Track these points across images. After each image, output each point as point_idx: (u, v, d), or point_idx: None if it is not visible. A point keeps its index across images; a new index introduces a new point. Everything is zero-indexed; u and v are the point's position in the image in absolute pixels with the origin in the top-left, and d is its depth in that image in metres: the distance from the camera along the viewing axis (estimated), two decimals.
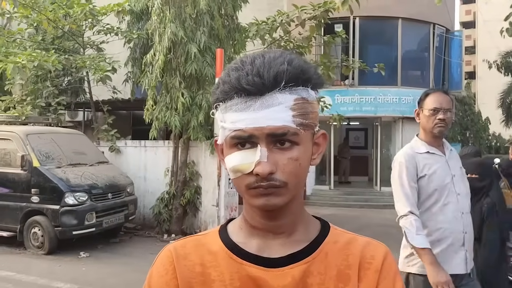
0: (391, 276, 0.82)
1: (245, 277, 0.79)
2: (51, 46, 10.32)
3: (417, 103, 2.59)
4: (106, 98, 10.83)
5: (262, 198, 0.76)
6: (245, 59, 0.78)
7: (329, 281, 0.80)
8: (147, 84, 8.43)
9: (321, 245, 0.82)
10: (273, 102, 0.75)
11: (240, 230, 0.85)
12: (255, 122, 0.75)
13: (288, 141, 0.76)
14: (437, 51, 15.25)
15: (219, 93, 0.78)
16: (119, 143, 9.62)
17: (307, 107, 0.78)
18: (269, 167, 0.74)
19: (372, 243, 0.85)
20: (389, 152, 14.81)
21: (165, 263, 0.84)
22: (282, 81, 0.74)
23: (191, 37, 7.98)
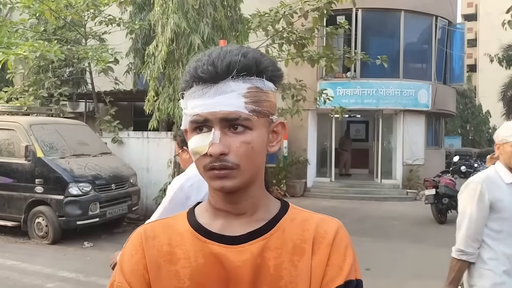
0: (342, 248, 0.87)
1: (208, 254, 0.85)
2: (53, 36, 10.28)
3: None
4: (108, 89, 10.82)
5: (218, 180, 0.82)
6: (207, 52, 0.85)
7: (285, 255, 0.85)
8: (149, 75, 8.41)
9: (278, 223, 0.88)
10: (226, 89, 0.81)
11: (206, 212, 0.91)
12: (209, 107, 0.81)
13: (240, 126, 0.82)
14: (439, 43, 15.22)
15: (183, 82, 0.86)
16: (122, 134, 9.63)
17: (261, 95, 0.84)
18: (221, 148, 0.80)
19: (326, 219, 0.90)
20: (390, 145, 14.84)
21: (135, 244, 0.90)
22: (234, 70, 0.81)
23: (194, 28, 7.96)
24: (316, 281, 0.84)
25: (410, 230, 8.85)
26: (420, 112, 14.19)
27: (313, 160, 13.91)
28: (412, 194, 13.05)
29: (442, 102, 15.04)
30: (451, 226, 9.10)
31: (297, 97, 9.49)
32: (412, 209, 11.08)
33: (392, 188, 13.69)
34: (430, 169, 13.17)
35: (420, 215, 10.07)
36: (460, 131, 31.29)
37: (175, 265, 0.86)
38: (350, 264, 0.86)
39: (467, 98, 31.07)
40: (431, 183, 9.42)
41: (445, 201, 9.22)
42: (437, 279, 5.41)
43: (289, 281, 0.84)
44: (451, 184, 9.47)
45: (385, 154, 14.42)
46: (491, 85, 33.13)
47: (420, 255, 6.69)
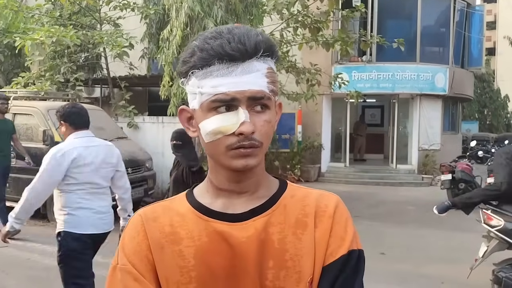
0: (343, 220, 0.90)
1: (212, 232, 0.86)
2: (68, 22, 10.34)
3: None
4: (123, 74, 10.87)
5: (241, 159, 0.83)
6: (219, 30, 0.84)
7: (288, 229, 0.88)
8: (163, 60, 8.42)
9: (279, 199, 0.90)
10: (252, 68, 0.82)
11: (207, 192, 0.92)
12: (237, 86, 0.81)
13: (263, 105, 0.84)
14: (457, 26, 14.89)
15: (197, 60, 0.82)
16: (137, 119, 9.70)
17: (274, 76, 0.86)
18: (252, 126, 0.81)
19: (325, 194, 0.94)
20: (405, 130, 14.69)
21: (136, 226, 0.90)
22: (261, 50, 0.82)
23: (208, 12, 7.92)
24: (320, 252, 0.87)
25: (425, 215, 8.79)
26: (437, 97, 13.98)
27: (327, 145, 13.85)
28: (428, 179, 12.94)
29: (460, 86, 14.78)
30: None
31: (311, 82, 9.41)
32: (427, 195, 11.00)
33: (407, 173, 13.59)
34: (447, 154, 13.02)
35: (436, 200, 9.93)
36: (478, 115, 30.77)
37: (179, 245, 0.87)
38: (351, 235, 0.89)
39: (485, 82, 30.46)
40: (447, 168, 9.33)
41: (462, 186, 9.12)
42: (453, 264, 5.41)
43: (294, 254, 0.86)
44: (468, 169, 9.36)
45: (401, 139, 14.28)
46: (510, 68, 32.45)
47: (435, 240, 6.67)
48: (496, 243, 3.97)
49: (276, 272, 0.85)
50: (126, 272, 0.87)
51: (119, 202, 3.46)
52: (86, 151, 3.10)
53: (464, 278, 4.21)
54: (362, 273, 0.89)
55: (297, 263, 0.86)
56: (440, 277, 5.07)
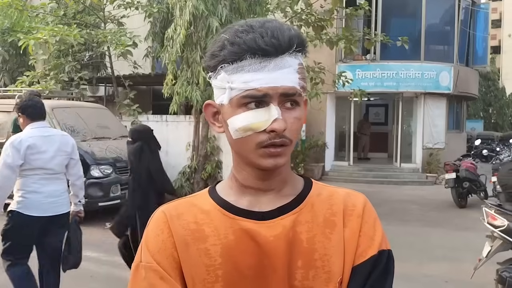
0: (371, 220, 0.89)
1: (238, 230, 0.84)
2: (73, 20, 10.37)
3: None
4: (127, 73, 10.90)
5: (271, 159, 0.81)
6: (250, 23, 0.81)
7: (316, 228, 0.86)
8: (167, 59, 8.45)
9: (306, 197, 0.89)
10: (285, 64, 0.80)
11: (230, 189, 0.90)
12: (270, 81, 0.79)
13: (294, 102, 0.82)
14: (462, 24, 14.83)
15: (227, 54, 0.80)
16: (141, 118, 9.73)
17: (304, 72, 0.84)
18: (284, 124, 0.79)
19: (352, 193, 0.92)
20: (410, 129, 14.64)
21: (160, 224, 0.88)
22: (294, 45, 0.80)
23: (212, 11, 7.93)
24: (350, 252, 0.86)
25: (429, 214, 8.78)
26: (441, 95, 13.93)
27: (331, 144, 13.84)
28: (432, 178, 12.90)
29: (464, 85, 14.71)
30: (472, 210, 9.10)
31: (315, 80, 9.41)
32: (431, 193, 10.98)
33: (411, 172, 13.55)
34: (451, 153, 12.97)
35: (440, 199, 9.97)
36: (483, 114, 30.62)
37: (204, 243, 0.85)
38: (380, 235, 0.88)
39: (490, 81, 30.31)
40: (451, 167, 9.30)
41: (466, 185, 9.09)
42: (456, 263, 5.39)
43: (323, 253, 0.85)
44: (472, 168, 9.32)
45: (405, 137, 14.24)
46: None
47: (439, 239, 6.65)
48: (500, 243, 3.96)
49: (305, 272, 0.84)
50: (151, 270, 0.84)
51: (72, 188, 3.70)
52: (41, 140, 3.40)
53: (468, 277, 4.20)
54: (392, 274, 0.87)
55: (326, 263, 0.84)
56: (443, 276, 5.06)
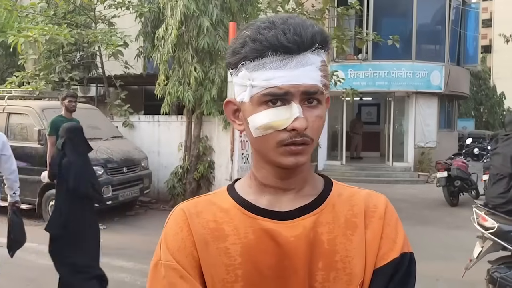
0: (393, 222, 0.88)
1: (258, 230, 0.83)
2: (63, 20, 10.29)
3: None
4: (118, 73, 10.84)
5: (291, 157, 0.80)
6: (272, 20, 0.79)
7: (337, 229, 0.85)
8: (159, 59, 8.42)
9: (327, 198, 0.88)
10: (307, 61, 0.78)
11: (250, 188, 0.89)
12: (292, 79, 0.77)
13: (316, 100, 0.80)
14: (453, 24, 14.92)
15: (248, 51, 0.78)
16: (133, 118, 9.68)
17: (327, 69, 0.82)
18: (306, 122, 0.78)
19: (373, 194, 0.91)
20: (401, 128, 14.70)
21: (179, 222, 0.87)
22: (317, 42, 0.78)
23: (203, 11, 7.91)
24: (371, 254, 0.85)
25: (421, 212, 8.82)
26: (433, 94, 14.00)
27: (324, 143, 13.86)
28: (424, 177, 12.97)
29: (455, 84, 14.80)
30: (463, 208, 9.13)
31: None
32: (423, 192, 11.04)
33: (403, 171, 13.61)
34: (442, 152, 13.05)
35: (432, 197, 10.03)
36: (474, 113, 30.84)
37: (224, 242, 0.83)
38: (402, 237, 0.88)
39: (481, 80, 30.53)
40: (443, 166, 9.35)
41: (457, 183, 9.15)
42: (448, 261, 5.42)
43: (344, 255, 0.84)
44: (464, 166, 9.38)
45: (397, 137, 14.31)
46: (506, 66, 32.56)
47: (431, 238, 6.68)
48: (491, 244, 3.97)
49: (326, 273, 0.83)
50: (171, 269, 0.83)
51: (6, 181, 3.89)
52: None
53: (459, 276, 4.22)
54: (414, 277, 0.86)
55: (348, 264, 0.83)
56: (435, 274, 5.08)
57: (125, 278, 4.93)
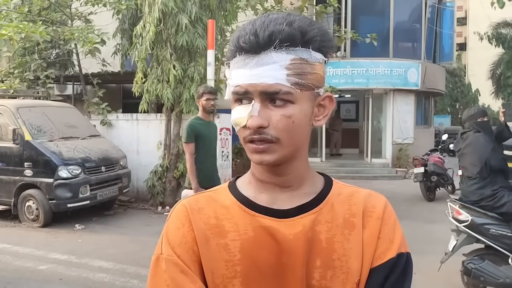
0: (391, 222, 0.89)
1: (258, 227, 0.85)
2: (38, 17, 10.09)
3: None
4: (96, 71, 10.68)
5: (256, 154, 0.82)
6: (252, 20, 0.82)
7: (336, 228, 0.86)
8: (136, 56, 8.33)
9: (327, 197, 0.89)
10: (268, 60, 0.78)
11: (249, 184, 0.90)
12: (250, 79, 0.79)
13: (281, 100, 0.79)
14: (429, 22, 15.18)
15: (228, 52, 0.84)
16: (111, 117, 9.56)
17: (306, 67, 0.80)
18: (259, 121, 0.79)
19: (373, 194, 0.92)
20: (380, 124, 14.91)
21: (181, 217, 0.88)
22: (277, 40, 0.77)
23: (181, 8, 7.85)
24: (368, 253, 0.86)
25: (399, 207, 8.96)
26: (410, 91, 14.23)
27: None
28: (402, 173, 13.18)
29: (432, 81, 15.08)
30: (440, 203, 9.31)
31: None
32: (401, 187, 11.22)
33: (382, 167, 13.81)
34: (420, 148, 13.29)
35: (409, 193, 10.20)
36: (450, 109, 31.51)
37: (224, 238, 0.85)
38: (400, 238, 0.89)
39: (456, 77, 31.19)
40: (420, 162, 9.52)
41: (434, 179, 9.33)
42: (425, 254, 5.52)
43: (342, 254, 0.85)
44: (440, 162, 9.57)
45: (375, 133, 14.50)
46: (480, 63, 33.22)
47: (408, 232, 6.75)
48: (465, 237, 4.07)
49: (323, 271, 0.84)
50: (173, 264, 0.84)
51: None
52: None
53: (435, 269, 4.31)
54: (411, 277, 0.87)
55: (345, 263, 0.84)
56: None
57: (104, 278, 4.87)
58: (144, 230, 6.87)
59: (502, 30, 22.74)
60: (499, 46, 22.88)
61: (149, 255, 3.94)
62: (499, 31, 22.74)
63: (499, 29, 22.75)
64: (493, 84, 24.97)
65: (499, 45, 22.82)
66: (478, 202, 4.01)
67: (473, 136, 4.16)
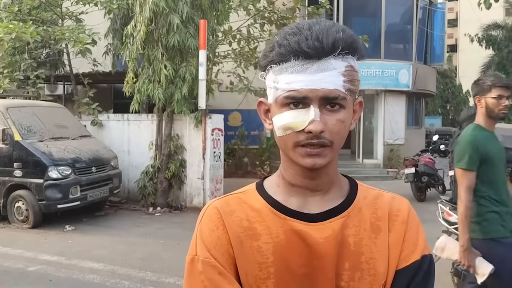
0: (415, 226, 0.93)
1: (289, 231, 0.87)
2: (28, 17, 10.00)
3: None
4: (86, 70, 10.62)
5: (309, 158, 0.83)
6: (300, 26, 0.83)
7: (363, 232, 0.89)
8: (128, 56, 8.29)
9: (354, 201, 0.92)
10: (328, 67, 0.81)
11: (278, 187, 0.92)
12: (310, 84, 0.80)
13: (337, 104, 0.83)
14: (420, 23, 15.28)
15: (275, 55, 0.83)
16: (101, 117, 9.50)
17: (354, 74, 0.84)
18: (321, 125, 0.81)
19: (397, 197, 0.96)
20: (371, 125, 14.97)
21: (214, 219, 0.90)
22: (339, 48, 0.80)
23: (173, 8, 7.83)
24: (394, 256, 0.89)
25: None
26: (401, 92, 14.31)
27: None
28: (393, 173, 13.25)
29: (423, 82, 15.17)
30: (430, 203, 9.35)
31: None
32: (392, 188, 11.23)
33: (373, 167, 13.87)
34: (411, 149, 13.36)
35: (400, 193, 9.95)
36: (441, 110, 31.73)
37: (257, 241, 0.87)
38: (423, 240, 0.92)
39: (447, 78, 31.42)
40: (411, 162, 9.57)
41: (425, 179, 9.38)
42: None
43: (369, 257, 0.88)
44: (431, 162, 9.63)
45: (367, 134, 14.55)
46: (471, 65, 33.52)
47: None
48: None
49: (352, 273, 0.87)
50: (210, 266, 0.86)
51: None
52: None
53: None
54: (434, 277, 0.91)
55: (372, 266, 0.88)
56: None
57: (94, 279, 4.84)
58: (135, 231, 6.83)
59: (492, 32, 22.97)
60: (489, 48, 23.09)
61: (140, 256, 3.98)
62: (489, 33, 22.97)
63: (489, 31, 22.98)
64: None
65: (489, 46, 23.03)
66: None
67: None
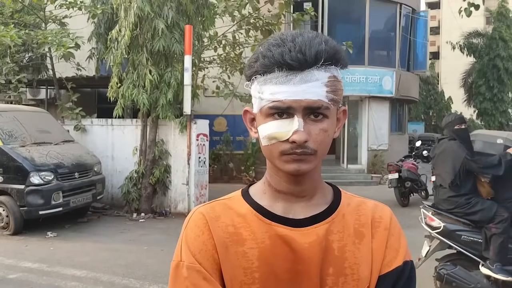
0: (397, 232, 0.95)
1: (274, 236, 0.88)
2: (10, 20, 9.86)
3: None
4: (70, 75, 10.50)
5: (294, 163, 0.84)
6: (284, 37, 0.85)
7: (347, 238, 0.91)
8: (112, 61, 8.23)
9: (338, 207, 0.94)
10: (311, 78, 0.82)
11: (264, 194, 0.94)
12: (294, 95, 0.82)
13: (321, 114, 0.84)
14: (403, 31, 15.51)
15: (259, 66, 0.85)
16: (85, 122, 9.40)
17: (337, 84, 0.86)
18: (305, 135, 0.82)
19: (379, 205, 0.98)
20: (355, 131, 15.10)
21: (200, 225, 0.91)
22: (321, 59, 0.82)
23: (158, 13, 7.81)
24: (377, 262, 0.91)
25: None
26: (385, 99, 14.48)
27: None
28: (377, 179, 13.37)
29: (406, 89, 15.38)
30: (413, 208, 9.47)
31: None
32: (376, 193, 11.36)
33: (357, 173, 13.97)
34: (394, 154, 13.51)
35: (384, 198, 10.34)
36: (423, 117, 32.16)
37: (242, 246, 0.88)
38: (405, 247, 0.94)
39: (430, 85, 31.89)
40: (394, 168, 9.67)
41: (408, 184, 9.49)
42: None
43: (353, 262, 0.90)
44: (414, 168, 9.75)
45: (351, 140, 14.68)
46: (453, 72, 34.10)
47: None
48: (438, 243, 4.14)
49: (336, 278, 0.88)
50: (195, 271, 0.86)
51: None
52: None
53: None
54: (415, 282, 0.93)
55: (356, 271, 0.89)
56: None
57: (76, 287, 4.76)
58: (119, 237, 6.75)
59: (474, 39, 23.41)
60: (471, 55, 23.53)
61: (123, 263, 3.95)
62: (470, 40, 23.41)
63: (471, 39, 23.42)
64: (465, 92, 25.63)
65: (470, 54, 23.47)
66: (451, 209, 4.07)
67: (447, 143, 4.19)
